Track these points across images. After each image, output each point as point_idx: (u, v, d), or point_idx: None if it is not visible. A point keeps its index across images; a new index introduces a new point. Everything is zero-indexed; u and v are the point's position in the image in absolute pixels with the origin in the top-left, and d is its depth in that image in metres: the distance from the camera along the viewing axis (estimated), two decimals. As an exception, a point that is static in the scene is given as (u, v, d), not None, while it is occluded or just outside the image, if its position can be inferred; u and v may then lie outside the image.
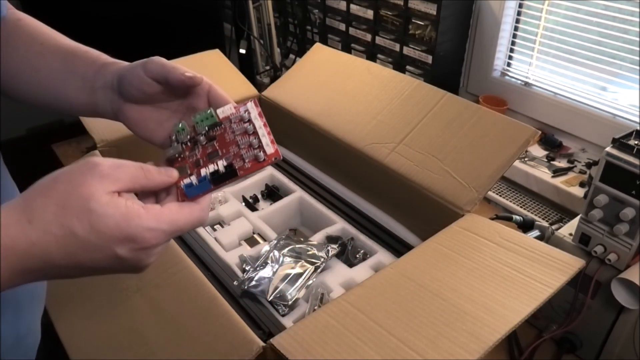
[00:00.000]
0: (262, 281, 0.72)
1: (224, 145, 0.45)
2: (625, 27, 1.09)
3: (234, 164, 0.43)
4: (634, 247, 0.65)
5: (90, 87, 0.49)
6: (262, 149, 0.44)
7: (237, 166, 0.43)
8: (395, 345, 0.52)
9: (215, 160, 0.44)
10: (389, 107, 0.89)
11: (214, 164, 0.44)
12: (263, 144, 0.44)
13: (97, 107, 0.49)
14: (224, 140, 0.45)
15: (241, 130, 0.45)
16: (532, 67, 1.32)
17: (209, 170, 0.43)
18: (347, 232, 0.85)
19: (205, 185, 0.43)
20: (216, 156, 0.44)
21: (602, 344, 0.74)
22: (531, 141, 0.74)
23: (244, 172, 0.43)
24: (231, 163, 0.43)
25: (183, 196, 0.42)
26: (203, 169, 0.43)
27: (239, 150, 0.44)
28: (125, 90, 0.47)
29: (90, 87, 0.49)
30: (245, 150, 0.44)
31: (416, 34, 1.34)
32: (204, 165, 0.44)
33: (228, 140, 0.45)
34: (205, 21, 1.69)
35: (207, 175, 0.43)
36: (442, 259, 0.64)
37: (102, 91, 0.48)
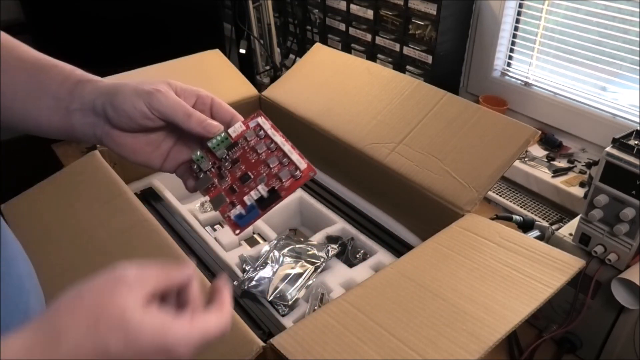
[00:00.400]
0: (262, 281, 0.72)
1: (251, 166, 0.45)
2: (625, 27, 1.09)
3: (275, 185, 0.44)
4: (634, 247, 0.65)
5: (64, 107, 0.43)
6: (295, 166, 0.45)
7: (277, 187, 0.44)
8: (395, 345, 0.52)
9: (249, 184, 0.45)
10: (389, 107, 0.89)
11: (256, 190, 0.44)
12: (294, 161, 0.45)
13: (73, 132, 0.44)
14: (248, 161, 0.45)
15: (263, 148, 0.45)
16: (532, 67, 1.31)
17: (252, 198, 0.44)
18: (347, 232, 0.85)
19: (255, 213, 0.44)
20: (249, 179, 0.45)
21: (602, 344, 0.74)
22: (531, 141, 0.74)
23: (285, 192, 0.45)
24: (273, 187, 0.44)
25: (235, 226, 0.44)
26: (245, 196, 0.44)
27: (270, 171, 0.45)
28: (120, 121, 0.42)
29: (64, 108, 0.43)
30: (277, 169, 0.45)
31: (416, 34, 1.34)
32: (240, 190, 0.45)
33: (253, 161, 0.45)
34: (205, 21, 1.69)
35: (253, 202, 0.44)
36: (442, 259, 0.64)
37: (79, 114, 0.43)
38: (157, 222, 0.70)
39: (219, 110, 0.45)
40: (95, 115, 0.43)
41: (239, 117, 0.46)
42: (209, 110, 0.45)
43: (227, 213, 0.45)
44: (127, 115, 0.42)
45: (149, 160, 0.45)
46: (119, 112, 0.42)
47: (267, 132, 0.45)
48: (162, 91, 0.42)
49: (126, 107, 0.42)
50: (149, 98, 0.41)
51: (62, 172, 0.83)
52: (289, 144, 0.45)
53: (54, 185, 0.81)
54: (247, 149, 0.45)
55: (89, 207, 0.75)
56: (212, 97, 0.45)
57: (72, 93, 0.43)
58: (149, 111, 0.42)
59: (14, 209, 0.78)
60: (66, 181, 0.81)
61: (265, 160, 0.45)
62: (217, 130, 0.43)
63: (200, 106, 0.45)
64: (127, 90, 0.42)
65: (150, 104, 0.41)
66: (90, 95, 0.43)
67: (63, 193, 0.79)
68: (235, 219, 0.44)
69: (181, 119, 0.42)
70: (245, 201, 0.44)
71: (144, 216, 0.71)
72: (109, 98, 0.42)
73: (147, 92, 0.42)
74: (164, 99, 0.42)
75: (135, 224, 0.70)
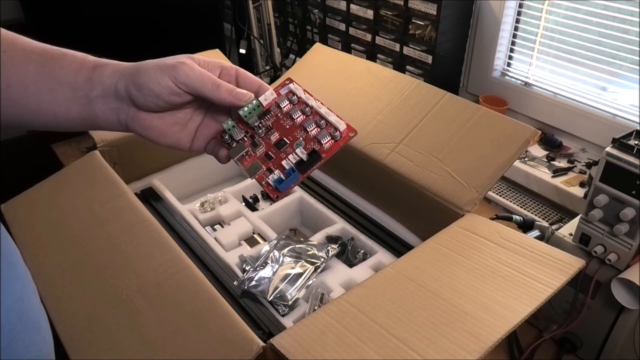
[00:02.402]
0: (262, 281, 0.72)
1: (287, 132, 0.44)
2: (625, 27, 1.09)
3: (314, 147, 0.43)
4: (634, 247, 0.65)
5: (83, 96, 0.41)
6: (333, 127, 0.43)
7: (317, 149, 0.43)
8: (395, 345, 0.52)
9: (286, 149, 0.43)
10: (389, 107, 0.89)
11: (294, 154, 0.43)
12: (332, 122, 0.43)
13: (96, 120, 0.42)
14: (282, 127, 0.44)
15: (297, 113, 0.44)
16: (532, 67, 1.32)
17: (291, 162, 0.43)
18: (347, 232, 0.85)
19: (295, 177, 0.43)
20: (285, 145, 0.43)
21: (602, 344, 0.74)
22: (531, 141, 0.74)
23: (326, 154, 0.43)
24: (313, 149, 0.43)
25: (275, 191, 0.42)
26: (283, 161, 0.43)
27: (308, 134, 0.43)
28: (146, 100, 0.41)
29: (84, 97, 0.41)
30: (314, 132, 0.43)
31: (416, 34, 1.34)
32: (277, 156, 0.43)
33: (288, 127, 0.44)
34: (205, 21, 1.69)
35: (292, 165, 0.43)
36: (442, 259, 0.64)
37: (101, 100, 0.41)
38: (157, 222, 0.70)
39: (245, 80, 0.44)
40: (118, 100, 0.41)
41: (266, 86, 0.45)
42: (235, 81, 0.44)
43: (266, 179, 0.43)
44: (154, 93, 0.40)
45: (178, 141, 0.44)
46: (144, 91, 0.40)
47: (300, 97, 0.44)
48: (186, 63, 0.41)
49: (152, 84, 0.40)
50: (175, 72, 0.40)
51: (62, 172, 0.83)
52: (325, 106, 0.44)
53: (54, 185, 0.81)
54: (281, 116, 0.44)
55: (89, 207, 0.75)
56: (236, 68, 0.44)
57: (91, 80, 0.41)
58: (176, 86, 0.40)
59: (14, 209, 0.78)
60: (66, 181, 0.81)
61: (302, 124, 0.43)
62: (248, 97, 0.42)
63: (226, 77, 0.44)
64: (150, 68, 0.41)
65: (176, 78, 0.40)
66: (110, 79, 0.41)
67: (63, 193, 0.79)
68: (274, 184, 0.42)
69: (210, 89, 0.41)
70: (283, 165, 0.43)
71: (144, 216, 0.71)
72: (132, 79, 0.41)
73: (171, 66, 0.40)
74: (190, 71, 0.40)
75: (135, 224, 0.70)
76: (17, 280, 0.43)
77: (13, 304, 0.42)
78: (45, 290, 0.64)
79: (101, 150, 0.86)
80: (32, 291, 0.46)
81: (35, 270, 0.66)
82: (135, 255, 0.65)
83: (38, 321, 0.45)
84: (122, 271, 0.64)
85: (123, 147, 0.89)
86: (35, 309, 0.46)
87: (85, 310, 0.61)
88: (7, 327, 0.40)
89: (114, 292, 0.62)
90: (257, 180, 0.43)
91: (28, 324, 0.43)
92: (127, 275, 0.63)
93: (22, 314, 0.43)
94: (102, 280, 0.63)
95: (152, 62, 0.42)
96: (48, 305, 0.61)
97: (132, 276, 0.63)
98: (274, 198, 0.43)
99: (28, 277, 0.46)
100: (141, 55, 0.48)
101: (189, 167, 1.01)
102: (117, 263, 0.65)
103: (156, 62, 0.41)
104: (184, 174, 1.00)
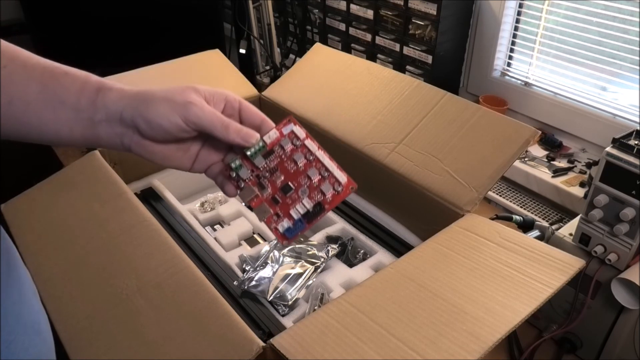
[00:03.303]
0: (262, 281, 0.72)
1: (291, 176, 0.46)
2: (625, 27, 1.09)
3: (318, 199, 0.45)
4: (634, 247, 0.65)
5: (87, 119, 0.41)
6: (336, 179, 0.45)
7: (320, 200, 0.45)
8: (395, 345, 0.52)
9: (292, 195, 0.46)
10: (389, 107, 0.89)
11: (301, 205, 0.46)
12: (335, 176, 0.46)
13: (99, 141, 0.42)
14: (287, 171, 0.46)
15: (301, 158, 0.46)
16: (532, 67, 1.32)
17: (299, 212, 0.45)
18: (347, 232, 0.85)
19: (302, 226, 0.45)
20: (290, 190, 0.46)
21: (602, 344, 0.74)
22: (531, 141, 0.74)
23: (329, 206, 0.46)
24: (319, 202, 0.45)
25: (283, 238, 0.46)
26: (291, 210, 0.46)
27: (312, 182, 0.46)
28: (154, 134, 0.41)
29: (87, 120, 0.41)
30: (317, 181, 0.46)
31: (416, 34, 1.34)
32: (283, 201, 0.46)
33: (292, 171, 0.46)
34: (205, 21, 1.69)
35: (300, 217, 0.45)
36: (442, 259, 0.64)
37: (105, 124, 0.41)
38: (157, 222, 0.70)
39: (247, 114, 0.45)
40: (123, 126, 0.41)
41: (269, 122, 0.46)
42: (238, 114, 0.45)
43: (274, 225, 0.46)
44: (163, 129, 0.41)
45: (179, 164, 0.45)
46: (153, 126, 0.41)
47: (303, 142, 0.46)
48: (197, 104, 0.41)
49: (162, 121, 0.41)
50: (185, 112, 0.41)
51: (62, 172, 0.83)
52: (327, 155, 0.46)
53: (54, 185, 0.81)
54: (285, 158, 0.46)
55: (89, 207, 0.75)
56: (239, 100, 0.44)
57: (95, 103, 0.41)
58: (186, 125, 0.41)
59: (14, 209, 0.78)
60: (66, 181, 0.81)
61: (305, 171, 0.46)
62: (255, 140, 0.43)
63: (230, 110, 0.44)
64: (159, 102, 0.41)
65: (186, 118, 0.41)
66: (115, 106, 0.41)
67: (63, 193, 0.79)
68: (284, 232, 0.46)
69: (219, 131, 0.42)
70: (292, 215, 0.46)
71: (144, 216, 0.71)
72: (140, 111, 0.41)
73: (182, 105, 0.41)
74: (200, 112, 0.41)
75: (135, 224, 0.70)
76: (15, 282, 0.43)
77: (11, 307, 0.41)
78: (45, 290, 0.64)
79: (101, 150, 0.86)
80: (32, 292, 0.46)
81: (35, 270, 0.66)
82: (135, 255, 0.65)
83: (38, 322, 0.45)
84: (122, 271, 0.64)
85: (123, 147, 0.89)
86: (35, 309, 0.46)
87: (85, 310, 0.61)
88: (5, 330, 0.40)
89: (114, 292, 0.62)
90: (266, 223, 0.46)
91: (27, 325, 0.43)
92: (127, 275, 0.63)
93: (21, 316, 0.43)
94: (102, 280, 0.63)
95: (159, 94, 0.41)
96: (48, 305, 0.61)
97: (132, 276, 0.63)
98: (283, 244, 0.47)
99: (27, 279, 0.46)
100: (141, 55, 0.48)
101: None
102: (117, 263, 0.65)
103: (164, 95, 0.41)
104: (184, 174, 0.99)
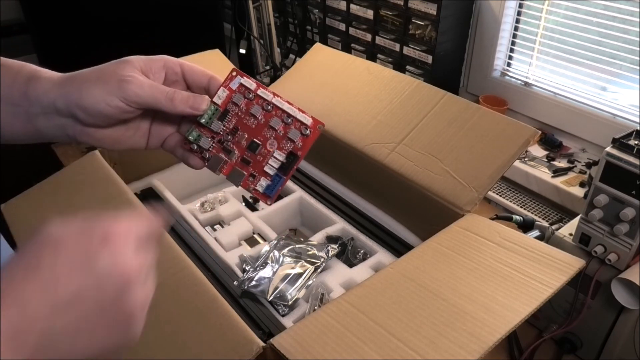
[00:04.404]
0: (262, 281, 0.72)
1: (254, 132, 0.44)
2: (625, 27, 1.09)
3: (289, 148, 0.44)
4: (634, 247, 0.65)
5: (23, 113, 0.38)
6: (301, 123, 0.43)
7: (291, 148, 0.44)
8: (395, 345, 0.52)
9: (261, 151, 0.44)
10: (389, 107, 0.89)
11: (274, 159, 0.44)
12: (299, 119, 0.43)
13: (41, 135, 0.40)
14: (248, 127, 0.44)
15: (259, 110, 0.43)
16: (532, 67, 1.32)
17: (274, 167, 0.44)
18: (347, 232, 0.85)
19: (281, 180, 0.44)
20: (258, 147, 0.44)
21: (602, 344, 0.74)
22: (531, 141, 0.74)
23: (302, 151, 0.44)
24: (290, 151, 0.44)
25: (266, 197, 0.44)
26: (265, 166, 0.44)
27: (277, 133, 0.43)
28: (95, 121, 0.38)
29: (23, 114, 0.38)
30: (283, 130, 0.43)
31: (416, 34, 1.34)
32: (254, 160, 0.44)
33: (254, 126, 0.44)
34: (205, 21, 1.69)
35: (275, 171, 0.44)
36: (442, 259, 0.64)
37: (42, 118, 0.38)
38: (157, 222, 0.70)
39: (192, 75, 0.42)
40: (61, 117, 0.38)
41: (216, 78, 0.42)
42: (182, 78, 0.42)
43: (253, 187, 0.44)
44: (103, 115, 0.38)
45: (132, 144, 0.42)
46: (91, 113, 0.38)
47: (256, 93, 0.43)
48: (133, 81, 0.37)
49: (100, 107, 0.37)
50: (123, 92, 0.37)
51: (62, 172, 0.83)
52: (285, 100, 0.43)
53: (54, 185, 0.81)
54: (242, 115, 0.43)
55: (89, 207, 0.75)
56: (180, 63, 0.41)
57: (27, 95, 0.38)
58: (127, 105, 0.38)
59: (14, 209, 0.78)
60: (66, 181, 0.81)
61: (267, 123, 0.43)
62: (206, 105, 0.41)
63: (172, 77, 0.41)
64: (92, 86, 0.37)
65: (126, 99, 0.37)
66: (47, 98, 0.38)
67: (63, 193, 0.79)
68: (265, 191, 0.44)
69: (165, 104, 0.39)
70: (267, 172, 0.44)
71: (144, 216, 0.71)
72: (74, 99, 0.37)
73: (116, 85, 0.37)
74: (138, 89, 0.37)
75: (135, 224, 0.70)
76: None
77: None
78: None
79: (101, 151, 0.86)
80: None
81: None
82: (135, 255, 0.65)
83: None
84: (122, 271, 0.64)
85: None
86: None
87: (85, 310, 0.61)
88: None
89: (114, 292, 0.62)
90: (243, 187, 0.44)
91: None
92: (127, 275, 0.63)
93: None
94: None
95: (90, 75, 0.38)
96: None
97: (132, 276, 0.63)
98: (267, 203, 0.44)
99: None
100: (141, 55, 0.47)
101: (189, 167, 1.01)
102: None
103: (95, 76, 0.38)
104: (184, 174, 1.00)
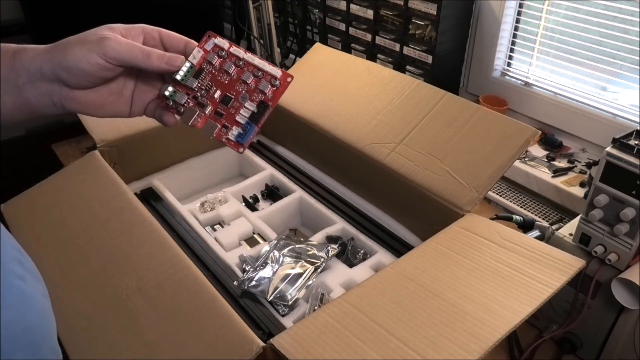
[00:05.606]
0: (262, 281, 0.72)
1: (227, 87, 0.46)
2: (625, 27, 1.09)
3: (260, 98, 0.45)
4: (634, 247, 0.65)
5: (12, 87, 0.40)
6: (271, 75, 0.46)
7: (262, 99, 0.45)
8: (395, 345, 0.52)
9: (233, 104, 0.46)
10: (389, 107, 0.89)
11: (244, 108, 0.46)
12: (269, 72, 0.46)
13: (30, 107, 0.42)
14: (221, 83, 0.46)
15: (232, 67, 0.46)
16: (532, 67, 1.31)
17: (245, 116, 0.46)
18: (347, 232, 0.85)
19: (252, 128, 0.46)
20: (230, 100, 0.46)
21: (603, 344, 0.74)
22: (531, 141, 0.74)
23: (272, 102, 0.46)
24: (260, 100, 0.45)
25: (238, 145, 0.45)
26: (237, 116, 0.46)
27: (248, 86, 0.46)
28: (78, 81, 0.41)
29: (13, 87, 0.40)
30: (254, 83, 0.46)
31: (416, 34, 1.34)
32: (227, 112, 0.46)
33: (227, 82, 0.46)
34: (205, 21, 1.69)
35: (247, 120, 0.45)
36: (442, 259, 0.64)
37: (30, 86, 0.41)
38: (157, 222, 0.70)
39: (169, 40, 0.45)
40: (47, 82, 0.41)
41: (192, 42, 0.46)
42: (160, 43, 0.44)
43: (225, 137, 0.46)
44: (85, 73, 0.40)
45: (116, 110, 0.45)
46: (74, 72, 0.40)
47: (229, 51, 0.46)
48: (111, 38, 0.40)
49: (82, 65, 0.40)
50: (102, 48, 0.40)
51: (62, 172, 0.83)
52: (257, 56, 0.46)
53: (54, 185, 0.81)
54: (216, 72, 0.46)
55: (89, 207, 0.75)
56: (158, 29, 0.44)
57: (14, 68, 0.40)
58: (106, 62, 0.40)
59: (14, 209, 0.78)
60: (66, 181, 0.81)
61: (239, 78, 0.46)
62: (180, 62, 0.43)
63: (151, 41, 0.44)
64: (73, 46, 0.40)
65: (105, 55, 0.40)
66: (33, 64, 0.40)
67: (63, 193, 0.79)
68: (236, 139, 0.46)
69: (141, 60, 0.41)
70: (239, 121, 0.46)
71: (144, 216, 0.71)
72: (58, 61, 0.40)
73: (96, 42, 0.40)
74: (116, 45, 0.40)
75: (135, 224, 0.70)
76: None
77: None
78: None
79: (101, 150, 0.86)
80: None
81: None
82: (135, 255, 0.65)
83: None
84: (122, 271, 0.64)
85: (123, 147, 0.89)
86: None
87: (85, 310, 0.61)
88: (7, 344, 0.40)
89: (114, 292, 0.62)
90: (216, 138, 0.46)
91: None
92: (127, 275, 0.63)
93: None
94: (102, 280, 0.63)
95: (72, 40, 0.41)
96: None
97: (132, 276, 0.63)
98: (239, 151, 0.46)
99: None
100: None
101: (189, 167, 1.01)
102: (117, 263, 0.65)
103: (77, 39, 0.41)
104: (184, 174, 1.00)
